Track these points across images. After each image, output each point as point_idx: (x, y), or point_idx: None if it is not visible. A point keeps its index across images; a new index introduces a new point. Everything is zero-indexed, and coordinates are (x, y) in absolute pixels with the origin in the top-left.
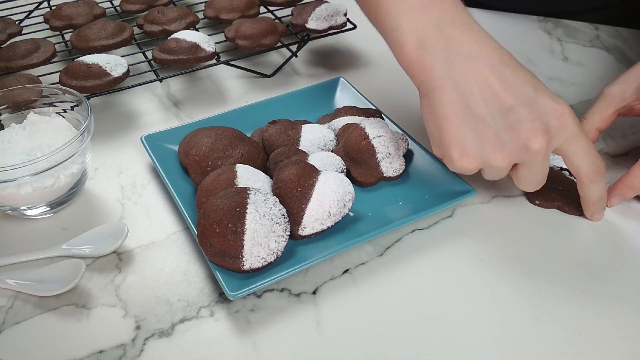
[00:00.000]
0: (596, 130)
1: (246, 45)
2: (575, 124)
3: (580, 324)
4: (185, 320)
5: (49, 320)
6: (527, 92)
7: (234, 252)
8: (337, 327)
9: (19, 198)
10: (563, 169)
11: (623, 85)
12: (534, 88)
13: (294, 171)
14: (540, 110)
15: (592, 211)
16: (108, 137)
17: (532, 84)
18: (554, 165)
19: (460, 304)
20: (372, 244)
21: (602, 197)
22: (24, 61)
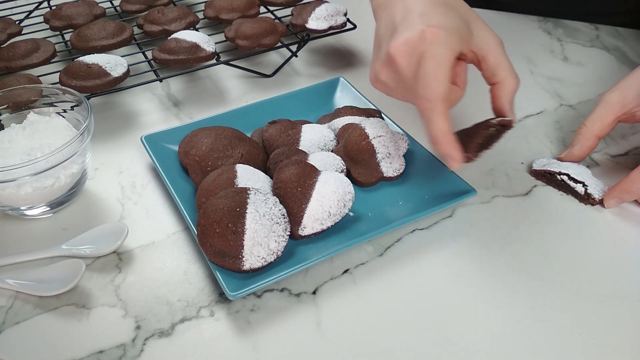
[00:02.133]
0: (595, 137)
1: (246, 45)
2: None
3: (580, 324)
4: (185, 320)
5: (49, 320)
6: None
7: (234, 252)
8: (337, 327)
9: (19, 198)
10: (562, 173)
11: (623, 92)
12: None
13: (294, 171)
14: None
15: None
16: (108, 137)
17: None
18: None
19: (460, 303)
20: (372, 244)
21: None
22: (24, 61)
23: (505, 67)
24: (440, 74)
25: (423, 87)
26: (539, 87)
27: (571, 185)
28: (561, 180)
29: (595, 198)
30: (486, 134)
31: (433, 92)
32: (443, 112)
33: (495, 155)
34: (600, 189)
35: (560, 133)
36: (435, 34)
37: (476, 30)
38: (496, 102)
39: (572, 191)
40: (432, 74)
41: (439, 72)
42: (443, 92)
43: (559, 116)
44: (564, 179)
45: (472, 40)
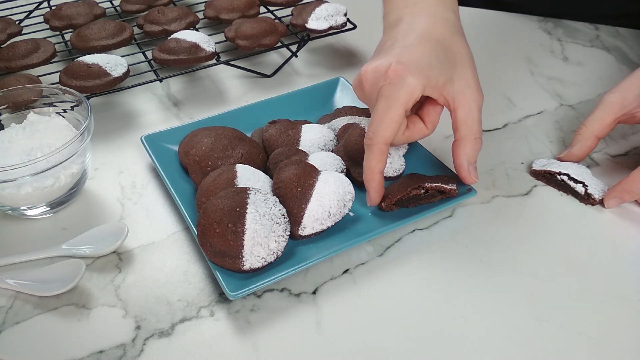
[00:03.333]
0: (595, 137)
1: (246, 45)
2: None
3: (580, 324)
4: (185, 320)
5: (49, 320)
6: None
7: (234, 252)
8: (337, 327)
9: (19, 198)
10: (562, 173)
11: (623, 93)
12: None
13: (294, 171)
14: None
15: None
16: (108, 137)
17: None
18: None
19: (460, 304)
20: (372, 244)
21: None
22: (24, 61)
23: (469, 127)
24: (388, 117)
25: (372, 123)
26: (539, 87)
27: (571, 185)
28: (561, 181)
29: (595, 198)
30: (413, 193)
31: (377, 131)
32: (380, 152)
33: (495, 155)
34: (600, 189)
35: (560, 133)
36: (397, 73)
37: (458, 79)
38: (454, 159)
39: (572, 191)
40: (381, 114)
41: (388, 114)
42: (386, 135)
43: (559, 116)
44: (563, 179)
45: (445, 87)
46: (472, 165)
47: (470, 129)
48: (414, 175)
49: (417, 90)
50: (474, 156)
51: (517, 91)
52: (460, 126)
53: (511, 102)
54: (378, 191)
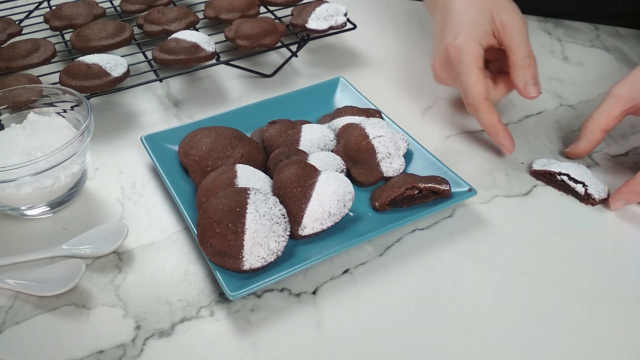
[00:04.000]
0: (602, 130)
1: (246, 45)
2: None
3: (580, 324)
4: (185, 320)
5: (49, 320)
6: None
7: (234, 252)
8: (337, 327)
9: (19, 198)
10: (562, 173)
11: (632, 85)
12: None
13: (294, 171)
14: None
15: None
16: (108, 137)
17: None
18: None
19: (460, 304)
20: (372, 244)
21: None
22: (24, 61)
23: (516, 49)
24: (470, 80)
25: (464, 95)
26: None
27: (571, 185)
28: (561, 181)
29: (596, 198)
30: (407, 193)
31: (471, 94)
32: (486, 107)
33: (495, 155)
34: (600, 189)
35: (560, 133)
36: (455, 49)
37: (496, 14)
38: (513, 84)
39: (573, 191)
40: (464, 82)
41: (469, 79)
42: (479, 92)
43: (559, 116)
44: (564, 179)
45: (492, 29)
46: (529, 82)
47: (518, 51)
48: (408, 175)
49: (474, 50)
50: (529, 74)
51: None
52: (509, 52)
53: (511, 102)
54: (507, 136)
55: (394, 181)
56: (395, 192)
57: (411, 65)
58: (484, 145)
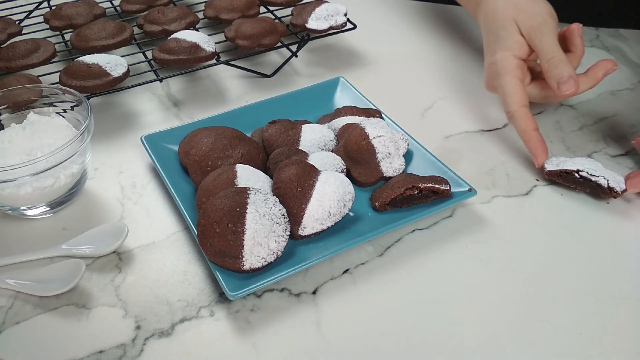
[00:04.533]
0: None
1: (246, 45)
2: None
3: (580, 324)
4: (185, 320)
5: (49, 320)
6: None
7: (234, 252)
8: (337, 327)
9: (19, 198)
10: (579, 170)
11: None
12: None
13: (294, 171)
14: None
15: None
16: (108, 137)
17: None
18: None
19: (460, 304)
20: (372, 244)
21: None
22: (24, 61)
23: (542, 52)
24: (508, 87)
25: (504, 102)
26: None
27: (593, 179)
28: (580, 177)
29: (618, 191)
30: (407, 193)
31: (510, 102)
32: (523, 114)
33: (495, 155)
34: (619, 181)
35: (560, 133)
36: (494, 63)
37: (522, 23)
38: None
39: (594, 185)
40: (503, 89)
41: (507, 86)
42: (516, 99)
43: (559, 116)
44: (583, 175)
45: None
46: (562, 81)
47: (543, 54)
48: (408, 175)
49: (509, 61)
50: (560, 73)
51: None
52: (538, 55)
53: None
54: (541, 146)
55: (394, 181)
56: (395, 192)
57: (411, 65)
58: (484, 145)
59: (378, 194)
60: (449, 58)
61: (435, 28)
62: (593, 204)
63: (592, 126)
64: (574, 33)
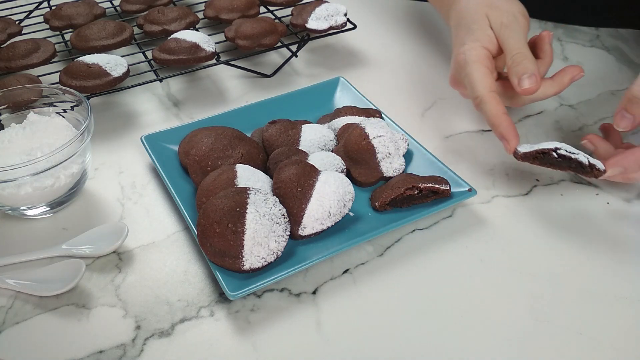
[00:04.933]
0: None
1: (246, 45)
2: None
3: (580, 324)
4: (185, 320)
5: (49, 320)
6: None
7: (234, 252)
8: (337, 327)
9: (19, 198)
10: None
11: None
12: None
13: (294, 171)
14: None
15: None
16: (108, 137)
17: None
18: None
19: (460, 304)
20: (372, 244)
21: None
22: (24, 61)
23: (506, 49)
24: (474, 75)
25: (471, 91)
26: None
27: (573, 157)
28: (558, 157)
29: (600, 169)
30: (407, 193)
31: (477, 88)
32: (492, 100)
33: (495, 155)
34: (597, 161)
35: (560, 133)
36: (459, 54)
37: (492, 18)
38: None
39: (575, 164)
40: (469, 78)
41: (473, 74)
42: (484, 84)
43: (559, 116)
44: (562, 153)
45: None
46: (523, 77)
47: (509, 51)
48: (408, 175)
49: (478, 51)
50: (522, 69)
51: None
52: (505, 52)
53: None
54: (511, 130)
55: (394, 181)
56: (395, 192)
57: (411, 65)
58: (484, 145)
59: (378, 194)
60: (449, 58)
61: (435, 28)
62: (593, 204)
63: (592, 126)
64: (544, 40)
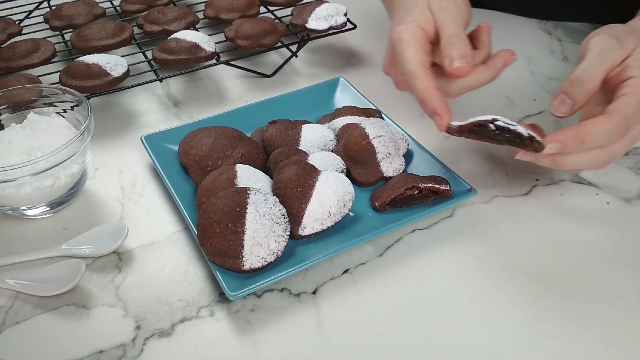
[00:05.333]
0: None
1: (246, 45)
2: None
3: (580, 324)
4: (185, 320)
5: (49, 320)
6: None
7: (234, 252)
8: (337, 327)
9: (19, 198)
10: (496, 119)
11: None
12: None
13: (294, 171)
14: None
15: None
16: (108, 137)
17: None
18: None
19: (460, 303)
20: (372, 244)
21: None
22: (24, 61)
23: (443, 31)
24: (405, 52)
25: (401, 67)
26: (539, 87)
27: (512, 127)
28: (496, 128)
29: (540, 142)
30: (407, 193)
31: (408, 64)
32: (423, 74)
33: (495, 155)
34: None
35: None
36: (395, 34)
37: (433, 2)
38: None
39: (514, 136)
40: (400, 55)
41: (405, 51)
42: (415, 60)
43: None
44: (499, 125)
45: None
46: (455, 57)
47: (443, 33)
48: (408, 175)
49: (413, 29)
50: (456, 51)
51: (517, 91)
52: (440, 35)
53: (511, 102)
54: (442, 105)
55: (394, 181)
56: (395, 192)
57: None
58: (484, 145)
59: (378, 194)
60: None
61: None
62: (593, 204)
63: None
64: (482, 30)
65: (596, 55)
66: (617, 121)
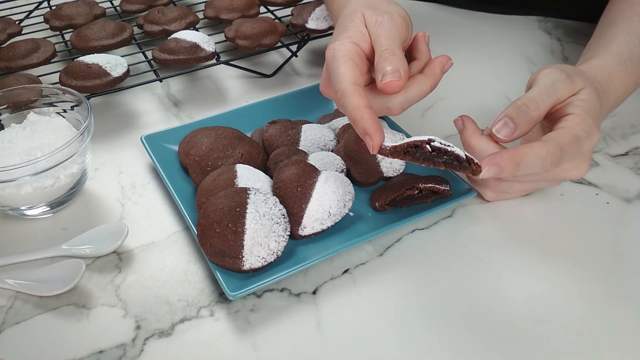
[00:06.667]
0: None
1: (246, 45)
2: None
3: (580, 324)
4: (185, 320)
5: (49, 320)
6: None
7: (234, 252)
8: (337, 327)
9: (19, 198)
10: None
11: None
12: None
13: (294, 171)
14: None
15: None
16: (108, 137)
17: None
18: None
19: (460, 303)
20: (372, 244)
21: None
22: (24, 61)
23: (377, 46)
24: (338, 69)
25: (334, 84)
26: None
27: (449, 149)
28: (432, 150)
29: (477, 164)
30: (407, 193)
31: (340, 82)
32: (355, 92)
33: None
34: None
35: None
36: (330, 51)
37: (367, 16)
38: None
39: (450, 160)
40: (336, 74)
41: (340, 69)
42: (347, 78)
43: None
44: (436, 145)
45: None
46: (387, 72)
47: (379, 47)
48: (408, 175)
49: (347, 46)
50: (386, 65)
51: (517, 91)
52: (375, 50)
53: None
54: (374, 124)
55: (394, 181)
56: (395, 192)
57: None
58: None
59: (378, 194)
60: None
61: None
62: (593, 204)
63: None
64: (419, 39)
65: (546, 86)
66: (552, 149)
